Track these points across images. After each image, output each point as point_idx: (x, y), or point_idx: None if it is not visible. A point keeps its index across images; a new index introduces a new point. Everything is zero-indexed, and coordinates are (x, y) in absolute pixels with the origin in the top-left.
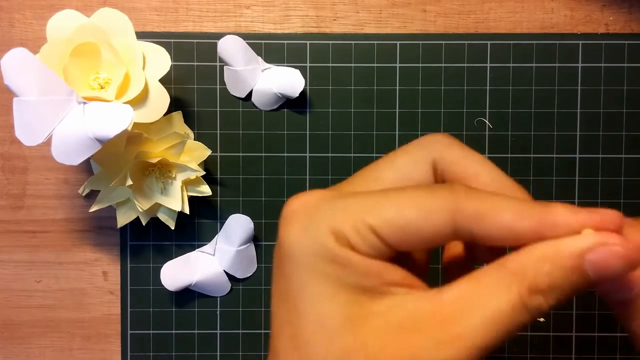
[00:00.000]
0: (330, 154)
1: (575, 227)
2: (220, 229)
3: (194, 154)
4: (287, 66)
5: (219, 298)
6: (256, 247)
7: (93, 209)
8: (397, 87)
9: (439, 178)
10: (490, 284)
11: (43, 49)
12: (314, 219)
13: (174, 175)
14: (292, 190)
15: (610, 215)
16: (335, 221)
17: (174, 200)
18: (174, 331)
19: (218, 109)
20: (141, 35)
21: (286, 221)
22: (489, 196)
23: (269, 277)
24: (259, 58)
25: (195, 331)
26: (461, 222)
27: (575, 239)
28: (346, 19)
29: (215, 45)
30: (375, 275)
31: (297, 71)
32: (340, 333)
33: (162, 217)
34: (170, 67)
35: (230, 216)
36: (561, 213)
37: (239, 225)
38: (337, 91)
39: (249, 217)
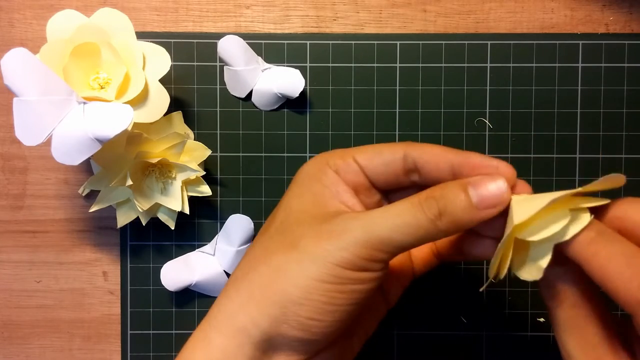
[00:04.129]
0: None
1: (476, 163)
2: (220, 229)
3: (194, 154)
4: (287, 66)
5: None
6: None
7: (93, 209)
8: (397, 87)
9: (409, 165)
10: (405, 198)
11: (43, 49)
12: (318, 156)
13: (174, 175)
14: None
15: (504, 166)
16: (330, 155)
17: (174, 200)
18: (174, 331)
19: (218, 109)
20: (141, 35)
21: (307, 162)
22: (430, 144)
23: None
24: (259, 58)
25: None
26: (408, 151)
27: (471, 177)
28: (346, 19)
29: (215, 45)
30: (335, 190)
31: (297, 71)
32: (291, 214)
33: (162, 217)
34: (170, 67)
35: (230, 216)
36: (474, 155)
37: (239, 226)
38: (337, 91)
39: (249, 217)
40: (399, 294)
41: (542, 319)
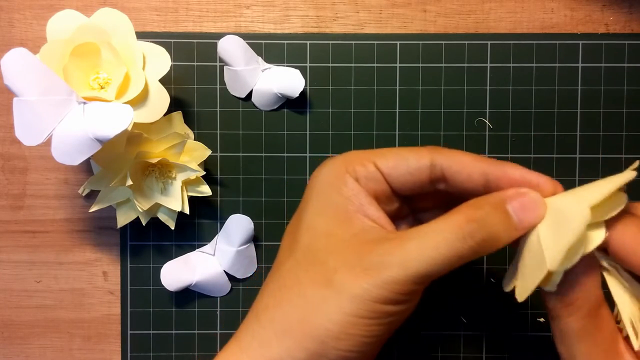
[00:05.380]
0: (330, 154)
1: (516, 178)
2: (220, 229)
3: (194, 154)
4: (287, 66)
5: (219, 298)
6: (256, 247)
7: (93, 209)
8: (397, 87)
9: (437, 174)
10: (437, 222)
11: (43, 49)
12: (336, 160)
13: (174, 175)
14: (292, 190)
15: (545, 182)
16: (349, 160)
17: (174, 200)
18: (174, 331)
19: (218, 109)
20: (141, 35)
21: (321, 164)
22: (458, 150)
23: None
24: (259, 58)
25: (195, 331)
26: (435, 159)
27: (503, 191)
28: (346, 19)
29: (215, 45)
30: (358, 203)
31: (297, 71)
32: (317, 237)
33: (162, 217)
34: (170, 67)
35: (230, 216)
36: (512, 167)
37: (239, 226)
38: (337, 91)
39: (249, 217)
40: (420, 295)
41: (542, 319)
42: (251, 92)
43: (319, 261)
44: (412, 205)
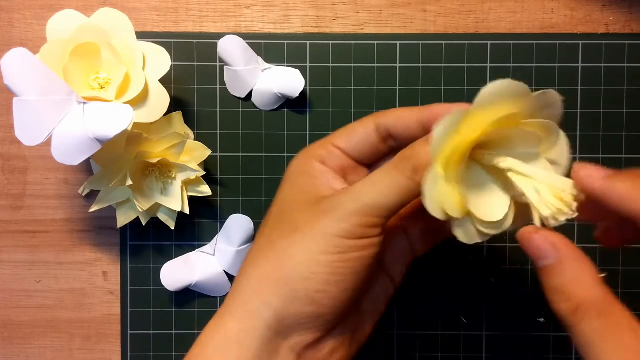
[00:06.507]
0: None
1: (442, 114)
2: (220, 229)
3: (194, 154)
4: (287, 66)
5: (219, 298)
6: None
7: (93, 209)
8: (397, 87)
9: (383, 134)
10: (381, 167)
11: (43, 49)
12: (301, 152)
13: (174, 175)
14: None
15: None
16: (312, 148)
17: (174, 200)
18: (174, 331)
19: (218, 109)
20: (141, 35)
21: (292, 160)
22: (396, 108)
23: None
24: (259, 58)
25: (195, 331)
26: (378, 122)
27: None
28: (346, 19)
29: (215, 45)
30: (324, 179)
31: (297, 71)
32: (286, 204)
33: (162, 217)
34: (170, 67)
35: (230, 216)
36: (437, 106)
37: (239, 226)
38: (337, 91)
39: (249, 217)
40: (403, 272)
41: (542, 319)
42: (251, 92)
43: (286, 219)
44: None
